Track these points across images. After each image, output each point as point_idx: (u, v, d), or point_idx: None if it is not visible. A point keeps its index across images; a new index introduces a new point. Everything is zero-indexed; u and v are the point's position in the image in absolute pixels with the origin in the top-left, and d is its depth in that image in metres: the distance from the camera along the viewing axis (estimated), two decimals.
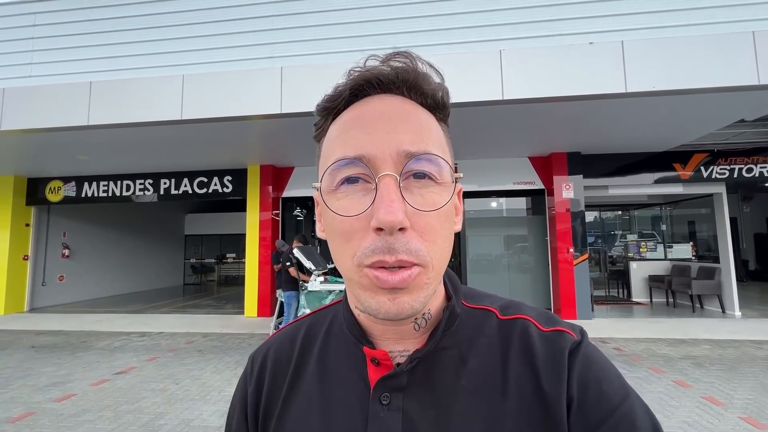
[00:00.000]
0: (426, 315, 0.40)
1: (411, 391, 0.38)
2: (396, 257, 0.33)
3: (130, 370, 4.16)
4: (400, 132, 0.35)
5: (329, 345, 0.44)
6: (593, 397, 0.35)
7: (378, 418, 0.38)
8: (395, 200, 0.33)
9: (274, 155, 7.03)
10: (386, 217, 0.32)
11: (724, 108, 4.80)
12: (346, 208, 0.35)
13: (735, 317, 6.52)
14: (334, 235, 0.37)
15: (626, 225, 11.04)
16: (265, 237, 7.43)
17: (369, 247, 0.34)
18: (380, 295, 0.35)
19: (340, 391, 0.41)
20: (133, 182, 8.09)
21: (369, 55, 0.40)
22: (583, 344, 0.39)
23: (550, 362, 0.38)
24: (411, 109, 0.38)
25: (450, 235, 0.38)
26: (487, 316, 0.43)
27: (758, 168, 6.70)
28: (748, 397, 3.19)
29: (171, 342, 5.42)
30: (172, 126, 5.06)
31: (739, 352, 4.49)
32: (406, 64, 0.39)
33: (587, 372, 0.37)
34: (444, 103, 0.41)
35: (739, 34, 4.05)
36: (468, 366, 0.39)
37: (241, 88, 4.67)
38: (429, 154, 0.35)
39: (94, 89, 4.94)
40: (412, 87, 0.39)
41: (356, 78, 0.39)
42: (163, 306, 8.84)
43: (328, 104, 0.40)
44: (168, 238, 13.31)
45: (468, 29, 4.74)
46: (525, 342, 0.40)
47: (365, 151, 0.35)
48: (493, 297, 0.46)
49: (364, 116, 0.37)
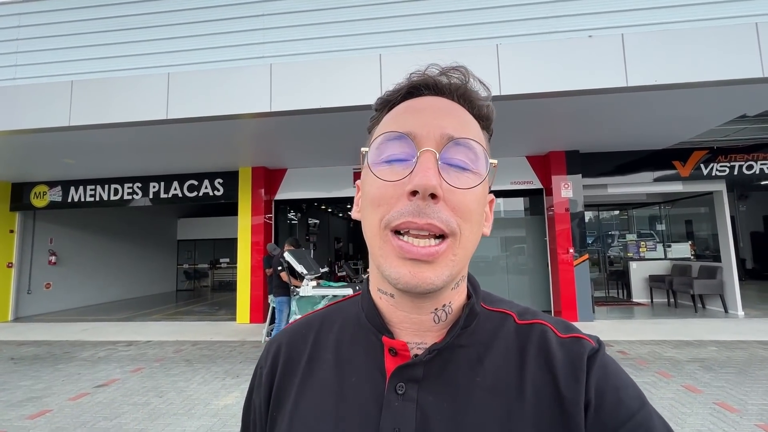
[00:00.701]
0: (447, 308, 0.40)
1: (426, 384, 0.39)
2: (426, 220, 0.35)
3: (112, 383, 3.94)
4: (446, 120, 0.38)
5: (346, 334, 0.45)
6: (610, 404, 0.36)
7: (392, 406, 0.38)
8: (431, 168, 0.35)
9: (266, 157, 6.85)
10: (421, 180, 0.34)
11: (726, 103, 4.68)
12: (386, 175, 0.37)
13: (738, 317, 6.40)
14: (368, 203, 0.39)
15: (624, 225, 10.93)
16: (257, 241, 7.23)
17: (399, 210, 0.35)
18: (401, 266, 0.36)
19: (356, 378, 0.41)
20: (122, 186, 7.86)
21: (429, 64, 0.43)
22: (600, 352, 0.39)
23: (568, 366, 0.38)
24: (458, 109, 0.41)
25: (481, 224, 0.40)
26: (505, 319, 0.43)
27: (758, 165, 6.60)
28: (762, 402, 3.04)
29: (158, 351, 5.20)
30: (158, 126, 4.86)
31: (747, 354, 4.35)
32: (460, 79, 0.42)
33: (605, 379, 0.37)
34: (488, 115, 0.44)
35: (742, 26, 3.94)
36: (484, 365, 0.39)
37: (228, 86, 4.50)
38: (468, 139, 0.38)
39: (75, 89, 4.75)
40: (462, 96, 0.42)
41: (416, 79, 0.42)
42: (154, 313, 8.60)
43: (387, 97, 0.43)
44: (160, 244, 13.04)
45: (464, 27, 4.60)
46: (543, 346, 0.40)
47: (411, 129, 0.38)
48: (510, 302, 0.46)
49: (415, 106, 0.41)
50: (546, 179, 6.88)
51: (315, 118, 4.80)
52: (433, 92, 0.42)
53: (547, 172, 6.84)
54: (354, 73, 4.35)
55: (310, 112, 4.47)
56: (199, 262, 14.15)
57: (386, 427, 0.37)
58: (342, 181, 7.40)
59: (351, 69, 4.38)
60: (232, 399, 3.45)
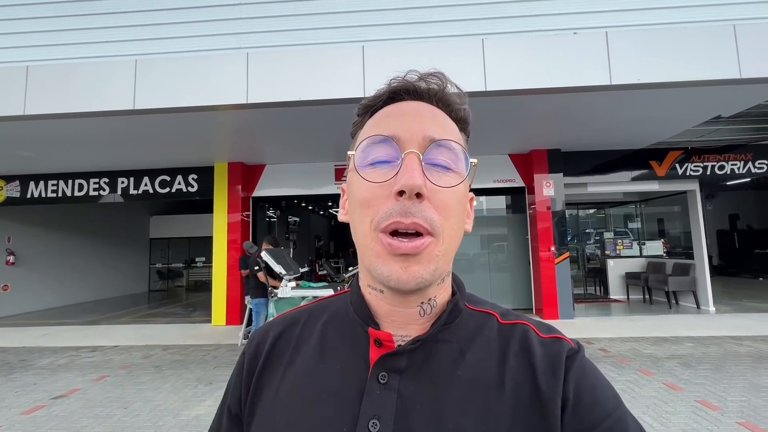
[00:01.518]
0: (432, 302, 0.42)
1: (408, 374, 0.40)
2: (411, 220, 0.36)
3: (71, 393, 3.64)
4: (428, 123, 0.41)
5: (332, 326, 0.46)
6: (588, 402, 0.37)
7: (373, 394, 0.39)
8: (416, 169, 0.37)
9: (243, 151, 6.57)
10: (408, 180, 0.36)
11: (703, 104, 4.77)
12: (373, 177, 0.39)
13: (710, 313, 6.60)
14: (356, 205, 0.41)
15: (601, 223, 11.17)
16: (234, 240, 6.94)
17: (387, 211, 0.37)
18: (393, 263, 0.37)
19: (339, 367, 0.42)
20: (87, 181, 7.39)
21: (408, 70, 0.45)
22: (580, 354, 0.41)
23: (547, 362, 0.40)
24: (438, 113, 0.43)
25: (462, 222, 0.42)
26: (488, 318, 0.45)
27: (729, 165, 6.82)
28: (741, 399, 3.07)
29: (125, 357, 4.88)
30: (125, 117, 4.54)
31: (721, 349, 4.45)
32: (438, 85, 0.44)
33: (583, 378, 0.39)
34: (465, 118, 0.46)
35: (720, 27, 3.99)
36: (466, 359, 0.41)
37: (202, 75, 4.23)
38: (450, 141, 0.40)
39: (31, 74, 4.37)
40: (440, 100, 0.44)
41: (396, 85, 0.44)
42: (123, 316, 8.16)
43: (368, 102, 0.46)
44: (131, 242, 12.44)
45: (449, 22, 4.48)
46: (524, 344, 0.42)
47: (396, 132, 0.40)
48: (494, 304, 0.48)
49: (397, 110, 0.43)
50: (528, 177, 6.90)
51: (295, 112, 4.59)
52: (413, 97, 0.44)
53: (529, 170, 6.86)
54: (336, 64, 4.16)
55: (289, 104, 4.26)
56: (174, 262, 13.60)
57: (366, 414, 0.38)
58: (323, 178, 7.20)
59: (333, 60, 4.20)
60: (204, 408, 3.23)
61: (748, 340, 4.76)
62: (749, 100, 4.63)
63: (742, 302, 7.52)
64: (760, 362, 3.94)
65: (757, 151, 6.75)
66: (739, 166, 6.78)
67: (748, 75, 3.91)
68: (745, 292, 8.75)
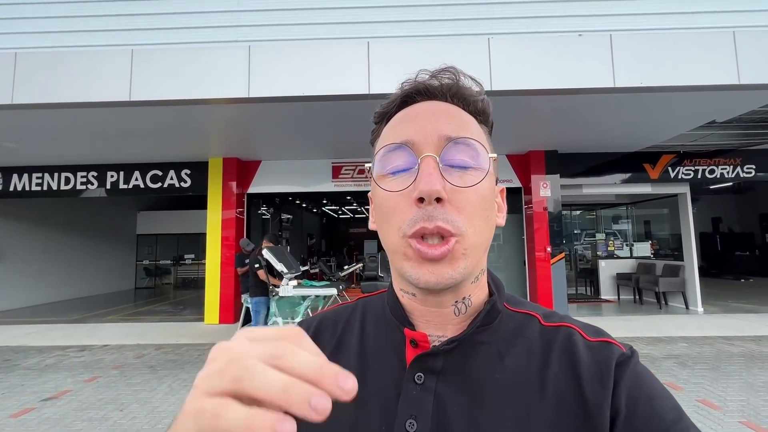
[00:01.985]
0: (466, 300, 0.41)
1: (445, 376, 0.39)
2: (434, 224, 0.36)
3: (62, 395, 3.50)
4: (442, 122, 0.40)
5: (372, 326, 0.46)
6: (644, 414, 0.34)
7: (410, 395, 0.39)
8: (433, 173, 0.37)
9: (240, 147, 6.43)
10: (425, 186, 0.36)
11: (699, 108, 4.86)
12: (392, 187, 0.39)
13: (698, 313, 6.76)
14: (383, 215, 0.40)
15: (593, 224, 11.34)
16: (227, 237, 6.81)
17: (412, 218, 0.37)
18: (421, 267, 0.37)
19: (378, 366, 0.42)
20: (74, 175, 7.14)
21: (419, 70, 0.44)
22: (633, 360, 0.38)
23: (594, 369, 0.37)
24: (453, 109, 0.42)
25: (489, 218, 0.41)
26: (530, 320, 0.43)
27: (719, 169, 6.99)
28: (740, 398, 3.14)
29: (117, 357, 4.73)
30: (119, 109, 4.39)
31: (714, 349, 4.54)
32: (451, 79, 0.43)
33: (638, 388, 0.36)
34: (483, 110, 0.45)
35: (721, 33, 4.07)
36: (505, 363, 0.39)
37: (202, 67, 4.11)
38: (467, 138, 0.39)
39: (20, 62, 4.18)
40: (454, 95, 0.43)
41: (407, 88, 0.43)
42: (110, 314, 7.92)
43: (382, 110, 0.45)
44: (117, 238, 12.11)
45: (455, 21, 4.45)
46: (568, 348, 0.39)
47: (410, 137, 0.39)
48: (536, 305, 0.46)
49: (411, 113, 0.42)
50: (525, 178, 6.94)
51: (296, 107, 4.51)
52: (426, 97, 0.43)
53: (526, 171, 6.90)
54: (341, 60, 4.10)
55: (292, 99, 4.18)
56: (161, 259, 13.29)
57: (403, 414, 0.38)
58: (320, 176, 7.11)
59: (338, 56, 4.13)
60: None
61: (738, 340, 4.88)
62: (744, 105, 4.73)
63: (728, 303, 7.72)
64: (753, 362, 4.04)
65: (745, 156, 6.93)
66: (728, 170, 6.95)
67: (747, 81, 3.99)
68: (729, 293, 8.99)
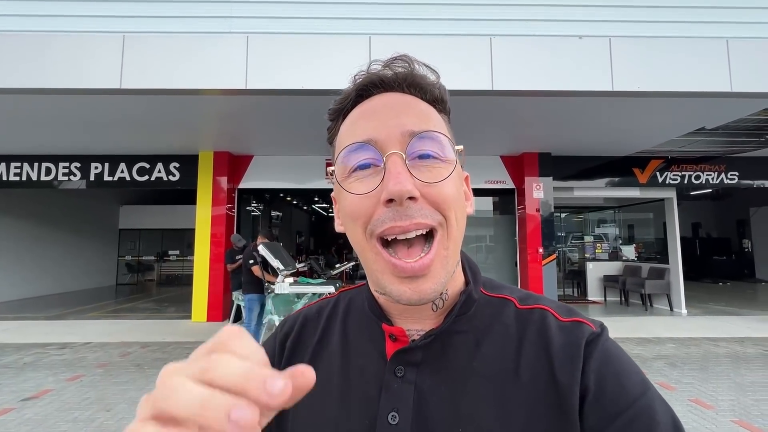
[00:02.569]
0: (443, 296, 0.41)
1: (425, 368, 0.40)
2: (411, 221, 0.35)
3: (43, 395, 3.33)
4: (404, 117, 0.39)
5: (353, 320, 0.46)
6: (611, 390, 0.35)
7: (391, 388, 0.39)
8: (402, 172, 0.35)
9: (231, 141, 6.29)
10: (395, 187, 0.34)
11: (691, 115, 4.97)
12: (358, 189, 0.37)
13: (682, 315, 6.93)
14: (348, 218, 0.39)
15: (580, 227, 11.54)
16: (217, 233, 6.64)
17: (380, 218, 0.36)
18: (400, 284, 0.36)
19: (360, 361, 0.43)
20: (56, 165, 6.85)
21: (372, 60, 0.42)
22: (602, 337, 0.39)
23: (565, 351, 0.38)
24: (411, 101, 0.41)
25: (463, 209, 0.41)
26: (505, 304, 0.44)
27: (704, 175, 7.19)
28: (731, 398, 3.21)
29: (101, 355, 4.55)
30: (108, 97, 4.22)
31: (701, 350, 4.66)
32: (404, 68, 0.42)
33: (606, 365, 0.37)
34: (441, 97, 0.44)
35: (714, 41, 4.16)
36: (482, 350, 0.40)
37: (198, 56, 3.99)
38: (431, 131, 0.38)
39: (3, 45, 3.97)
40: (410, 84, 0.42)
41: (361, 80, 0.42)
42: (91, 310, 7.64)
43: (337, 106, 0.43)
44: (99, 233, 11.71)
45: (457, 21, 4.42)
46: (541, 330, 0.40)
47: (372, 135, 0.38)
48: (513, 288, 0.46)
49: (370, 109, 0.41)
50: (518, 180, 7.00)
51: (293, 101, 4.42)
52: (381, 89, 0.41)
53: (520, 172, 6.96)
54: (342, 55, 4.03)
55: (291, 93, 4.09)
56: (144, 254, 12.93)
57: (385, 407, 0.38)
58: (313, 172, 7.01)
59: (338, 51, 4.06)
60: None
61: (723, 342, 5.01)
62: (733, 113, 4.87)
63: (709, 305, 7.95)
64: (738, 363, 4.15)
65: (729, 163, 7.14)
66: (713, 176, 7.16)
67: (738, 89, 4.10)
68: (709, 296, 9.26)
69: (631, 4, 4.26)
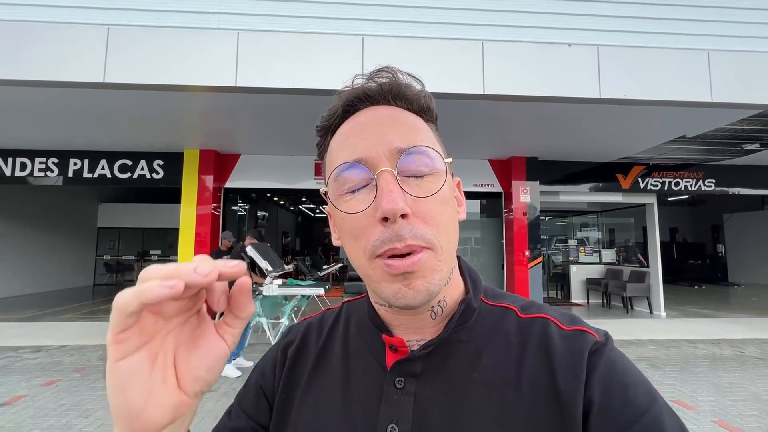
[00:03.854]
0: (441, 303, 0.41)
1: (425, 379, 0.40)
2: (405, 243, 0.35)
3: (16, 401, 3.18)
4: (391, 133, 0.39)
5: (354, 331, 0.47)
6: (618, 403, 0.34)
7: (391, 400, 0.39)
8: (394, 190, 0.35)
9: (218, 139, 6.16)
10: (387, 205, 0.35)
11: (672, 123, 5.13)
12: (352, 207, 0.38)
13: (662, 317, 7.14)
14: (346, 236, 0.40)
15: (564, 230, 11.76)
16: (201, 233, 6.49)
17: (378, 239, 0.36)
18: (395, 282, 0.36)
19: (360, 372, 0.43)
20: (31, 160, 6.58)
21: (355, 75, 0.44)
22: (606, 347, 0.38)
23: (567, 360, 0.37)
24: (398, 114, 0.41)
25: (453, 220, 0.41)
26: (507, 314, 0.43)
27: (683, 182, 7.42)
28: (711, 399, 3.31)
29: (78, 358, 4.38)
30: (90, 91, 4.07)
31: (681, 352, 4.80)
32: (389, 78, 0.42)
33: (611, 377, 0.36)
34: (428, 106, 0.44)
35: (695, 52, 4.30)
36: (482, 360, 0.40)
37: (185, 51, 3.89)
38: (418, 146, 0.38)
39: None
40: (396, 96, 0.42)
41: (346, 95, 0.42)
42: (67, 311, 7.36)
43: (325, 123, 0.44)
44: (75, 231, 11.30)
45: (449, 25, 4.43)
46: (543, 340, 0.40)
47: (363, 154, 0.38)
48: (514, 297, 0.46)
49: (358, 125, 0.41)
50: (506, 183, 7.08)
51: (284, 99, 4.36)
52: (367, 103, 0.42)
53: (507, 176, 7.04)
54: (334, 55, 3.99)
55: (282, 91, 4.03)
56: (124, 254, 12.54)
57: (384, 419, 0.38)
58: (302, 172, 6.94)
59: (330, 50, 4.02)
60: None
61: (701, 344, 5.18)
62: (713, 122, 5.05)
63: (686, 308, 8.21)
64: (716, 364, 4.29)
65: (707, 171, 7.40)
66: (692, 182, 7.40)
67: (718, 99, 4.25)
68: (686, 299, 9.57)
69: (619, 14, 4.36)
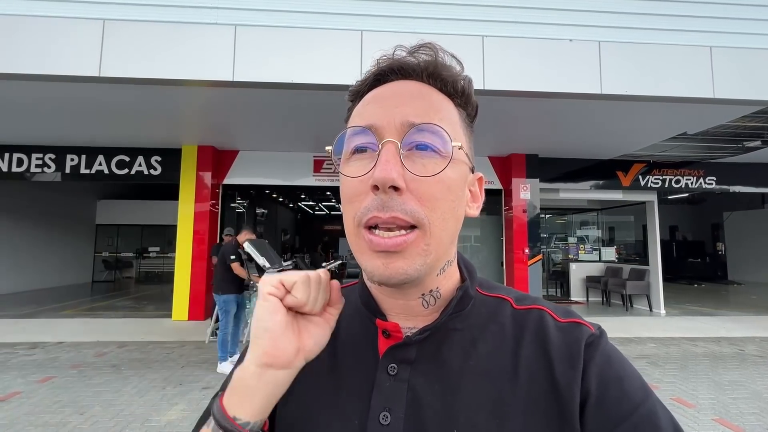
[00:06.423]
0: (434, 293, 0.41)
1: (418, 366, 0.39)
2: (390, 213, 0.34)
3: (11, 397, 3.16)
4: (409, 106, 0.37)
5: (345, 318, 0.44)
6: (614, 395, 0.35)
7: (383, 387, 0.38)
8: (390, 161, 0.35)
9: (216, 135, 6.12)
10: (380, 174, 0.34)
11: (674, 120, 5.09)
12: (352, 172, 0.37)
13: (661, 315, 7.11)
14: (344, 201, 0.39)
15: (563, 228, 11.73)
16: (200, 230, 6.46)
17: (366, 206, 0.35)
18: (375, 259, 0.36)
19: (352, 359, 0.42)
20: (28, 156, 6.54)
21: (396, 45, 0.42)
22: (602, 340, 0.38)
23: (565, 351, 0.37)
24: (425, 90, 0.40)
25: (455, 210, 0.39)
26: (502, 304, 0.43)
27: (684, 180, 7.39)
28: (711, 396, 3.29)
29: (74, 355, 4.35)
30: (86, 85, 4.03)
31: (680, 349, 4.77)
32: (429, 56, 0.41)
33: (608, 370, 0.36)
34: (463, 90, 0.42)
35: (699, 50, 4.26)
36: (478, 349, 0.39)
37: (183, 45, 3.84)
38: (432, 124, 0.37)
39: None
40: (431, 74, 0.40)
41: (381, 65, 0.41)
42: (65, 308, 7.33)
43: (356, 88, 0.43)
44: (74, 228, 11.25)
45: (450, 21, 4.39)
46: (539, 330, 0.40)
47: (373, 121, 0.37)
48: (509, 289, 0.46)
49: (380, 94, 0.40)
50: (506, 180, 7.05)
51: (282, 95, 4.31)
52: (400, 76, 0.41)
53: (507, 173, 7.00)
54: (333, 49, 3.95)
55: (280, 86, 3.99)
56: (123, 251, 12.51)
57: (376, 407, 0.38)
58: (301, 169, 6.90)
59: (329, 45, 3.98)
60: (177, 413, 2.92)
61: (700, 341, 5.16)
62: (714, 119, 5.01)
63: (686, 306, 8.19)
64: (716, 362, 4.27)
65: (708, 168, 7.37)
66: (692, 180, 7.37)
67: (721, 95, 4.21)
68: (685, 297, 9.55)
69: (620, 10, 4.31)
